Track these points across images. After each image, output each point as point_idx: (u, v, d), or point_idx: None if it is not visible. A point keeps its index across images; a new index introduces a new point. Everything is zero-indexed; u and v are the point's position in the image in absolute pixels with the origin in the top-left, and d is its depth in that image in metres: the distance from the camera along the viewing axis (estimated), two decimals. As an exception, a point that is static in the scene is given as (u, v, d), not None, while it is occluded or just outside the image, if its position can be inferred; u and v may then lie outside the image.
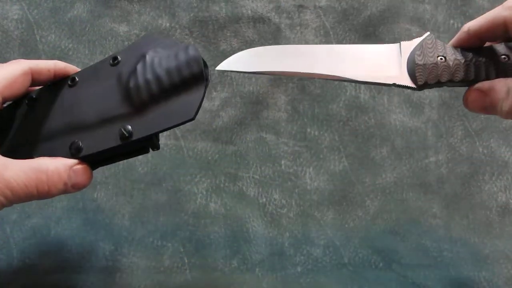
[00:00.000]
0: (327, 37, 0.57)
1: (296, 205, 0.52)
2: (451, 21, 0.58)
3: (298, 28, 0.57)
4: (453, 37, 0.34)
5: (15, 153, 0.31)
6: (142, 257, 0.48)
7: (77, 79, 0.35)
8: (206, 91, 0.33)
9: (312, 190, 0.52)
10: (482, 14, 0.33)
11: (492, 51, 0.31)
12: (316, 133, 0.54)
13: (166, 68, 0.32)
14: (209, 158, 0.53)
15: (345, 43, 0.57)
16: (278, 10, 0.58)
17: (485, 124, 0.55)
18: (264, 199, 0.52)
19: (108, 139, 0.32)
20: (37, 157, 0.32)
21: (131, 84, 0.32)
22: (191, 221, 0.50)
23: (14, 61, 0.34)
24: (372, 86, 0.56)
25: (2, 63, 0.35)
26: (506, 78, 0.29)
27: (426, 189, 0.53)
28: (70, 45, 0.56)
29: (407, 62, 0.32)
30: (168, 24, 0.57)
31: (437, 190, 0.53)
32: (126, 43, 0.56)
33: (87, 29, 0.56)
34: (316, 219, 0.51)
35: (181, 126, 0.54)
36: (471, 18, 0.57)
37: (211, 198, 0.51)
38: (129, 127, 0.31)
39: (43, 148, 0.33)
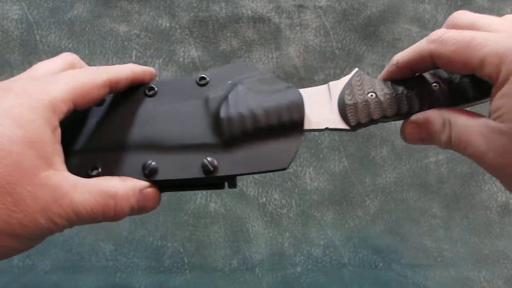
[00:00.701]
0: (327, 37, 0.57)
1: (296, 205, 0.52)
2: (451, 21, 0.58)
3: (298, 28, 0.57)
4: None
5: (79, 161, 0.29)
6: (142, 257, 0.48)
7: (156, 89, 0.32)
8: None
9: (312, 190, 0.52)
10: (482, 14, 0.33)
11: (422, 80, 0.31)
12: (316, 133, 0.54)
13: (264, 107, 0.29)
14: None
15: (345, 43, 0.57)
16: (278, 10, 0.58)
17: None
18: (264, 199, 0.52)
19: (189, 168, 0.29)
20: (102, 168, 0.29)
21: (222, 114, 0.29)
22: (191, 221, 0.50)
23: (93, 68, 0.31)
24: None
25: (81, 67, 0.32)
26: (440, 109, 0.29)
27: (426, 189, 0.53)
28: (70, 45, 0.56)
29: (338, 104, 0.30)
30: (168, 24, 0.57)
31: (437, 190, 0.53)
32: (126, 43, 0.56)
33: (87, 29, 0.56)
34: (316, 219, 0.51)
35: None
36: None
37: (211, 198, 0.51)
38: (215, 161, 0.29)
39: (111, 160, 0.30)
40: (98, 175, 0.29)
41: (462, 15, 0.31)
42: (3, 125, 0.24)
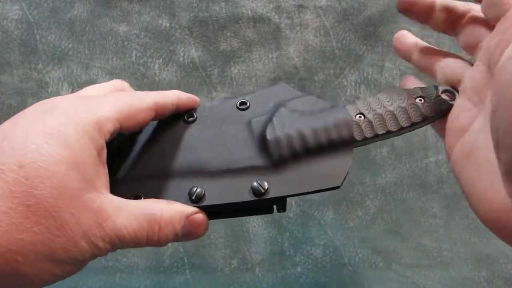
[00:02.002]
0: (327, 37, 0.57)
1: (296, 205, 0.52)
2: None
3: (298, 28, 0.57)
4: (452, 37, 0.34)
5: (122, 188, 0.28)
6: (142, 257, 0.48)
7: (195, 115, 0.32)
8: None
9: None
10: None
11: (407, 96, 0.31)
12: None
13: (311, 127, 0.29)
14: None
15: (345, 43, 0.57)
16: (278, 10, 0.58)
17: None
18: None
19: (238, 192, 0.28)
20: (145, 197, 0.28)
21: (269, 135, 0.29)
22: (191, 221, 0.50)
23: (140, 92, 0.30)
24: (372, 86, 0.56)
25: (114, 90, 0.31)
26: None
27: (426, 189, 0.53)
28: (70, 45, 0.56)
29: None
30: (168, 24, 0.57)
31: (437, 190, 0.53)
32: (126, 43, 0.56)
33: (87, 29, 0.56)
34: (316, 219, 0.51)
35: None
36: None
37: (211, 198, 0.51)
38: (266, 183, 0.28)
39: (154, 188, 0.29)
40: None
41: None
42: (48, 144, 0.24)
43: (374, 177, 0.53)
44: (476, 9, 0.30)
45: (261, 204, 0.29)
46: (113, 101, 0.27)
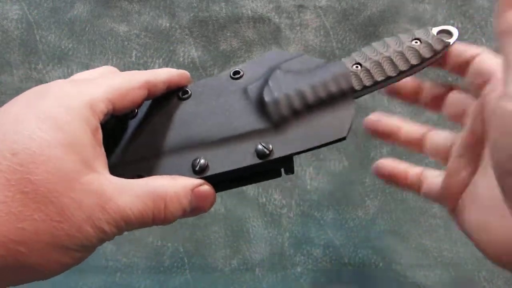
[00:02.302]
0: (327, 37, 0.57)
1: (296, 205, 0.52)
2: (451, 21, 0.58)
3: (298, 28, 0.57)
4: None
5: (121, 171, 0.27)
6: (142, 257, 0.48)
7: (190, 92, 0.31)
8: None
9: (312, 190, 0.52)
10: (482, 14, 0.33)
11: (401, 40, 0.30)
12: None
13: (308, 83, 0.29)
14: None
15: (345, 43, 0.57)
16: (278, 10, 0.58)
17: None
18: (264, 199, 0.52)
19: (242, 157, 0.28)
20: (147, 175, 0.27)
21: (267, 98, 0.29)
22: (191, 221, 0.50)
23: (131, 72, 0.30)
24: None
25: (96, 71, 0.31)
26: None
27: (426, 189, 0.53)
28: (70, 45, 0.56)
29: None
30: (168, 24, 0.57)
31: (437, 190, 0.53)
32: (126, 43, 0.56)
33: (87, 29, 0.56)
34: (316, 219, 0.51)
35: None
36: (471, 18, 0.57)
37: (211, 198, 0.51)
38: (270, 145, 0.27)
39: (156, 166, 0.28)
40: None
41: None
42: (41, 128, 0.23)
43: (374, 177, 0.53)
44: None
45: (267, 167, 0.28)
46: (104, 82, 0.27)
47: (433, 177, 0.32)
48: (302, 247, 0.50)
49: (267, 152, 0.27)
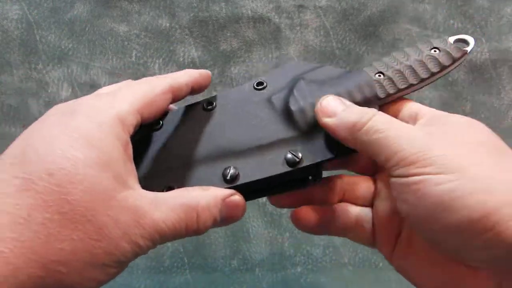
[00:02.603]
0: (327, 37, 0.57)
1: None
2: (451, 21, 0.58)
3: (298, 28, 0.57)
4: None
5: (150, 183, 0.28)
6: (142, 257, 0.48)
7: (214, 103, 0.32)
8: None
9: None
10: (482, 14, 0.33)
11: (420, 50, 0.31)
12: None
13: (334, 92, 0.29)
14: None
15: (345, 43, 0.57)
16: (278, 10, 0.58)
17: (484, 123, 0.55)
18: (264, 199, 0.52)
19: (272, 165, 0.28)
20: (178, 187, 0.27)
21: (293, 107, 0.29)
22: (191, 221, 0.50)
23: (153, 77, 0.30)
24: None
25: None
26: None
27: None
28: (70, 45, 0.56)
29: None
30: (168, 24, 0.57)
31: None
32: (126, 43, 0.56)
33: (87, 29, 0.56)
34: (316, 219, 0.51)
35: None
36: (471, 18, 0.57)
37: (211, 198, 0.51)
38: (299, 153, 0.28)
39: (186, 176, 0.29)
40: None
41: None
42: (74, 147, 0.23)
43: (374, 177, 0.53)
44: None
45: (297, 175, 0.29)
46: (129, 93, 0.27)
47: (364, 220, 0.32)
48: (302, 247, 0.50)
49: (297, 160, 0.28)
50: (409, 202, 0.24)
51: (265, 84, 0.32)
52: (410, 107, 0.30)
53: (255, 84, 0.32)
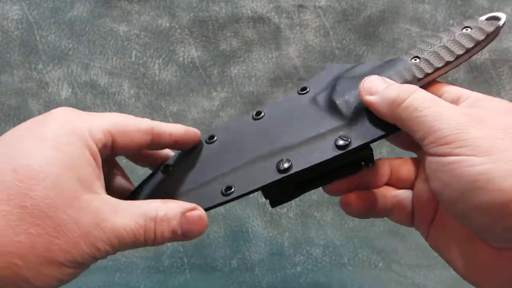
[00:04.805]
0: (327, 37, 0.57)
1: (296, 205, 0.52)
2: (451, 21, 0.58)
3: (298, 28, 0.57)
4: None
5: (211, 186, 0.30)
6: (142, 257, 0.48)
7: (263, 112, 0.33)
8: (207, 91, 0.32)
9: (312, 190, 0.52)
10: (482, 14, 0.33)
11: (452, 31, 0.32)
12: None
13: None
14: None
15: (345, 43, 0.57)
16: (278, 10, 0.58)
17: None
18: (264, 199, 0.52)
19: (323, 151, 0.29)
20: (236, 186, 0.29)
21: (337, 100, 0.31)
22: (191, 221, 0.50)
23: (139, 118, 0.31)
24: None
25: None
26: None
27: (426, 189, 0.53)
28: (70, 45, 0.56)
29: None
30: (168, 24, 0.57)
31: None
32: (126, 43, 0.56)
33: (87, 29, 0.56)
34: (315, 219, 0.51)
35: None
36: (471, 18, 0.57)
37: (211, 198, 0.51)
38: (348, 137, 0.29)
39: (243, 175, 0.30)
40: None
41: None
42: (40, 148, 0.24)
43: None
44: None
45: (348, 159, 0.30)
46: (108, 116, 0.28)
47: (404, 203, 0.33)
48: (301, 247, 0.50)
49: (347, 142, 0.28)
50: (442, 181, 0.25)
51: (308, 88, 0.34)
52: (452, 90, 0.30)
53: (299, 90, 0.34)
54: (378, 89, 0.28)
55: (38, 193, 0.23)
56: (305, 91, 0.34)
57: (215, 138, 0.33)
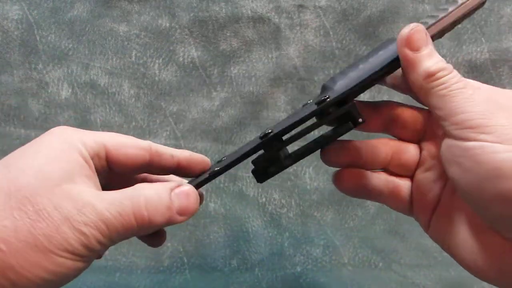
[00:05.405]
0: (327, 37, 0.57)
1: (295, 205, 0.52)
2: (451, 21, 0.58)
3: (298, 28, 0.57)
4: (453, 36, 0.34)
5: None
6: (142, 257, 0.48)
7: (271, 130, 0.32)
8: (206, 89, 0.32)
9: (312, 190, 0.52)
10: (481, 14, 0.33)
11: None
12: (316, 133, 0.54)
13: (362, 59, 0.31)
14: (209, 158, 0.53)
15: (345, 43, 0.57)
16: (278, 10, 0.58)
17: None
18: (264, 199, 0.52)
19: (303, 112, 0.29)
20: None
21: (326, 83, 0.31)
22: (191, 221, 0.50)
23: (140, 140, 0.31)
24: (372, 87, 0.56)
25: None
26: None
27: (426, 189, 0.53)
28: (70, 45, 0.56)
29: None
30: (168, 24, 0.57)
31: (437, 190, 0.53)
32: (126, 43, 0.56)
33: (87, 29, 0.56)
34: (315, 219, 0.51)
35: (181, 126, 0.54)
36: (471, 18, 0.57)
37: (211, 198, 0.51)
38: (329, 95, 0.28)
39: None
40: None
41: None
42: (33, 146, 0.27)
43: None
44: None
45: (332, 116, 0.29)
46: (106, 133, 0.29)
47: (401, 189, 0.32)
48: (301, 247, 0.50)
49: (326, 97, 0.28)
50: (463, 166, 0.25)
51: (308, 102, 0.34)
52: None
53: (302, 105, 0.34)
54: (421, 46, 0.27)
55: (23, 180, 0.24)
56: (305, 103, 0.34)
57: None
